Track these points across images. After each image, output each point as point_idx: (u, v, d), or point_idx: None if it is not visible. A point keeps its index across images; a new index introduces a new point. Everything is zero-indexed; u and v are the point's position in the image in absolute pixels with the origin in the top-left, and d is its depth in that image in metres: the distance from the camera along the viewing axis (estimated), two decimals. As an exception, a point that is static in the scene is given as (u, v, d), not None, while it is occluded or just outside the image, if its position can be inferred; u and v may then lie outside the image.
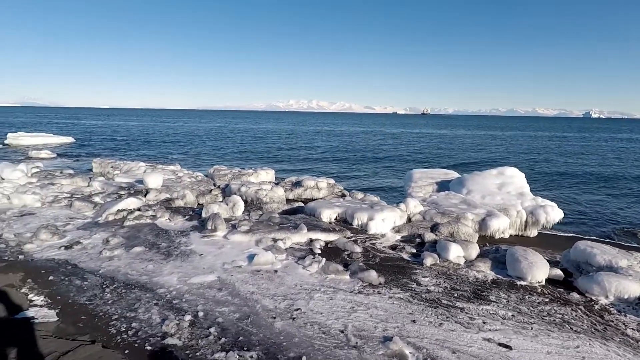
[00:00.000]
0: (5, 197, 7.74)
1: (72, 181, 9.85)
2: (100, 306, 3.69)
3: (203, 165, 17.82)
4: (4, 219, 6.59)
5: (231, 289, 4.12)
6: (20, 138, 24.31)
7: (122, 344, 3.08)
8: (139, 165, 11.93)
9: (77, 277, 4.31)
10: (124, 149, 24.94)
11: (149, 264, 4.73)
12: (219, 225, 5.95)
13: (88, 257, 4.98)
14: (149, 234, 5.86)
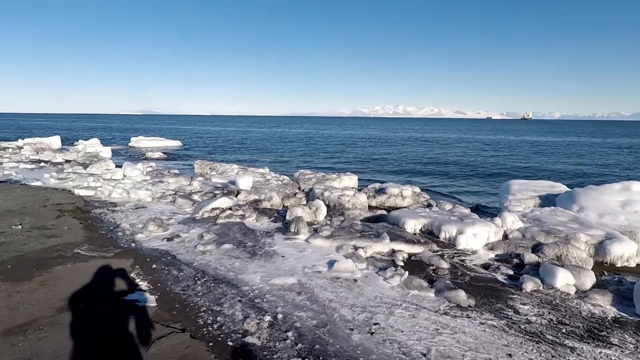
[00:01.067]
0: (126, 192, 8.97)
1: (176, 180, 11.01)
2: (192, 297, 3.98)
3: (290, 168, 18.57)
4: (123, 210, 7.62)
5: (310, 294, 4.11)
6: (140, 141, 28.24)
7: (207, 336, 3.26)
8: (232, 168, 12.88)
9: (174, 268, 4.73)
10: (221, 152, 27.33)
11: (235, 261, 5.00)
12: (302, 229, 6.05)
13: (185, 249, 5.45)
14: (238, 232, 6.21)
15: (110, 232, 6.14)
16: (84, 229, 6.01)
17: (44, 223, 6.16)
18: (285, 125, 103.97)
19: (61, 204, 7.54)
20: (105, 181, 10.19)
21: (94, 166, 12.75)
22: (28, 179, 10.91)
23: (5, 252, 4.81)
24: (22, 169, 13.24)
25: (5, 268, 4.34)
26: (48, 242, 5.27)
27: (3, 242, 5.18)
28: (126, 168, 11.79)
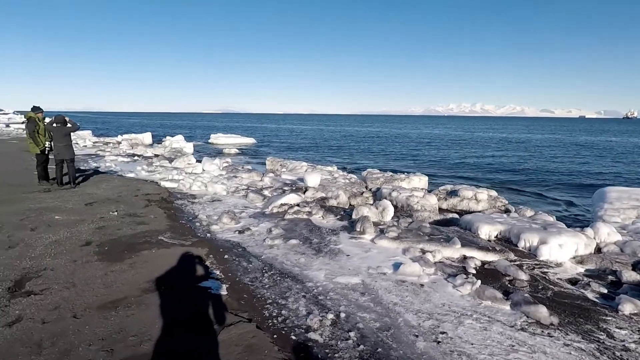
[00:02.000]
0: (204, 185, 9.66)
1: (249, 175, 11.57)
2: (259, 289, 4.14)
3: (358, 167, 18.48)
4: (201, 202, 8.22)
5: (374, 295, 4.03)
6: (218, 138, 30.26)
7: (272, 328, 3.36)
8: (301, 165, 13.18)
9: (244, 259, 4.97)
10: (292, 150, 28.18)
11: (301, 257, 5.09)
12: (367, 229, 5.97)
13: (254, 242, 5.70)
14: (304, 229, 6.32)
15: (189, 222, 6.66)
16: (167, 218, 6.59)
17: (135, 211, 6.88)
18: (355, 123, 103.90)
19: (149, 194, 8.38)
20: (186, 175, 11.10)
21: (178, 161, 13.95)
22: (124, 171, 12.31)
23: (104, 235, 5.47)
24: (120, 162, 14.99)
25: (103, 249, 4.94)
26: (137, 228, 5.89)
27: (102, 226, 5.90)
28: (205, 163, 12.71)
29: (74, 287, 3.85)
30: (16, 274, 4.12)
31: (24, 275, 4.09)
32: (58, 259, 4.54)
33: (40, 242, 5.08)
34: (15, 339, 2.97)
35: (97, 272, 4.22)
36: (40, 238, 5.22)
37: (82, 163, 14.03)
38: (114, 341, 2.98)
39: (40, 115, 8.87)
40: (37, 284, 3.91)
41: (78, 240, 5.20)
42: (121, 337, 3.03)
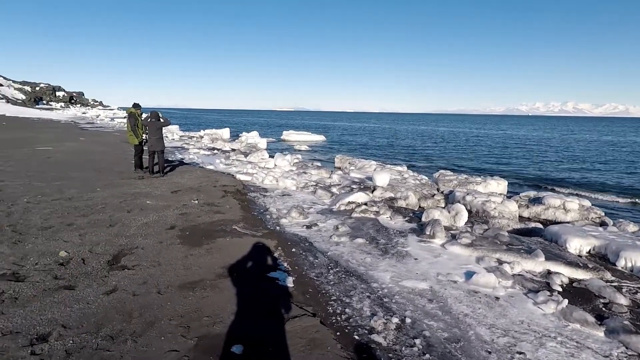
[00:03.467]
0: (275, 180, 10.04)
1: (318, 172, 11.76)
2: (324, 284, 4.18)
3: (429, 168, 17.77)
4: (272, 196, 8.55)
5: (443, 303, 3.83)
6: (290, 135, 31.27)
7: (335, 325, 3.37)
8: (370, 164, 13.05)
9: (311, 254, 5.06)
10: (361, 148, 28.05)
11: (367, 256, 5.03)
12: (438, 233, 5.70)
13: (321, 238, 5.77)
14: (371, 228, 6.24)
15: (260, 214, 6.96)
16: (241, 209, 6.97)
17: (213, 201, 7.39)
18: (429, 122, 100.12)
19: (226, 185, 8.94)
20: (260, 169, 11.64)
21: (252, 155, 14.68)
22: (205, 163, 13.30)
23: (186, 221, 5.96)
24: (201, 155, 16.23)
25: (184, 234, 5.38)
26: (215, 217, 6.31)
27: (185, 212, 6.44)
28: (277, 158, 13.21)
29: (159, 266, 4.25)
30: (114, 249, 4.67)
31: (120, 251, 4.62)
32: (147, 239, 5.06)
33: (134, 223, 5.71)
34: (111, 307, 3.37)
35: (178, 254, 4.62)
36: (134, 219, 5.86)
37: (170, 155, 15.46)
38: (190, 319, 3.22)
39: (139, 111, 9.95)
40: (130, 260, 4.39)
41: (164, 224, 5.74)
42: (197, 316, 3.27)
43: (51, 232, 5.15)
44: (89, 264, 4.23)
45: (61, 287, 3.68)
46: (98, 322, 3.12)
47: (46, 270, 4.01)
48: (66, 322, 3.09)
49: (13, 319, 3.11)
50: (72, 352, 2.74)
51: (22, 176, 8.81)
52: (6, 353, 2.69)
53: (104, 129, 28.82)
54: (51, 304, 3.36)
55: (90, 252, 4.55)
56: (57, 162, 11.26)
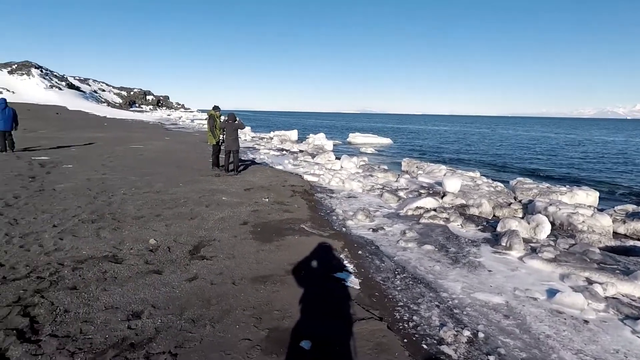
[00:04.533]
0: (341, 181, 10.12)
1: (384, 175, 11.61)
2: (390, 289, 4.12)
3: (505, 175, 16.58)
4: (338, 197, 8.64)
5: (520, 321, 3.56)
6: (356, 137, 31.27)
7: (402, 331, 3.31)
8: (440, 168, 12.54)
9: (377, 258, 5.02)
10: (429, 152, 27.09)
11: (436, 264, 4.85)
12: (515, 245, 5.30)
13: (387, 242, 5.69)
14: (440, 235, 6.01)
15: (327, 214, 7.08)
16: (309, 209, 7.15)
17: (282, 199, 7.68)
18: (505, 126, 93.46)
19: (294, 185, 9.23)
20: (326, 170, 11.82)
21: (319, 157, 14.96)
22: (274, 163, 13.87)
23: (257, 218, 6.28)
24: (271, 155, 16.94)
25: (256, 230, 5.67)
26: (284, 215, 6.55)
27: (256, 209, 6.78)
28: (343, 160, 13.30)
29: (233, 258, 4.54)
30: (195, 240, 5.09)
31: (200, 243, 5.02)
32: (223, 233, 5.42)
33: (212, 217, 6.16)
34: (192, 293, 3.67)
35: (251, 249, 4.88)
36: (211, 214, 6.32)
37: (242, 154, 16.37)
38: (262, 311, 3.39)
39: (218, 113, 10.70)
40: (208, 251, 4.75)
41: (238, 220, 6.10)
42: (268, 309, 3.43)
43: (143, 221, 5.76)
44: (173, 252, 4.66)
45: (151, 271, 4.11)
46: (181, 306, 3.42)
47: (139, 255, 4.51)
48: (155, 303, 3.45)
49: (113, 296, 3.54)
50: (160, 330, 3.04)
51: (119, 170, 9.98)
52: (108, 325, 3.08)
53: (185, 130, 31.42)
54: (143, 285, 3.77)
55: (175, 241, 5.00)
56: (147, 159, 12.56)
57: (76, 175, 9.02)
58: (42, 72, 69.53)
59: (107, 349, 2.78)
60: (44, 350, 2.73)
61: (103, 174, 9.38)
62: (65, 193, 7.22)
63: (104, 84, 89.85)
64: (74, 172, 9.44)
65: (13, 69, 67.04)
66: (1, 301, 3.34)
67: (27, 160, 11.04)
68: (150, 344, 2.86)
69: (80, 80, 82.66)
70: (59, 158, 11.82)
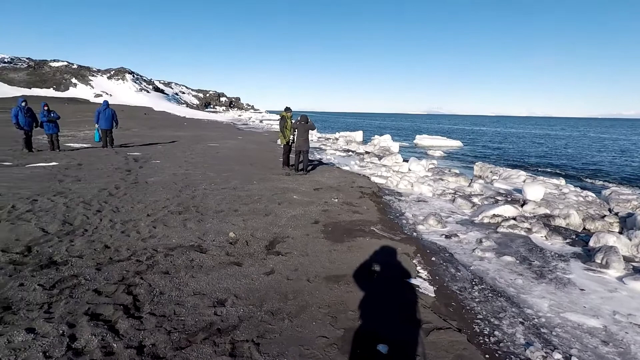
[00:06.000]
0: (410, 185, 9.88)
1: (456, 180, 11.09)
2: (468, 300, 3.93)
3: (596, 184, 14.89)
4: (407, 201, 8.44)
5: (622, 349, 3.18)
6: (423, 139, 30.27)
7: (483, 346, 3.13)
8: (518, 174, 11.66)
9: (452, 266, 4.82)
10: (504, 155, 25.28)
11: (518, 277, 4.52)
12: (614, 263, 4.74)
13: (462, 250, 5.43)
14: (521, 246, 5.58)
15: (396, 217, 6.95)
16: (378, 211, 7.09)
17: (351, 200, 7.71)
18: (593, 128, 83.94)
19: (362, 187, 9.21)
20: (394, 172, 11.61)
21: (386, 159, 14.74)
22: (341, 164, 13.96)
23: (328, 218, 6.38)
24: (337, 156, 17.09)
25: (327, 229, 5.77)
26: (353, 216, 6.58)
27: (326, 209, 6.89)
28: (412, 163, 12.96)
29: (307, 256, 4.67)
30: (270, 236, 5.32)
31: (274, 239, 5.24)
32: (296, 230, 5.60)
33: (284, 214, 6.39)
34: (270, 287, 3.85)
35: (323, 248, 4.98)
36: (284, 211, 6.56)
37: (309, 155, 16.73)
38: (337, 310, 3.45)
39: (289, 114, 11.07)
40: (283, 247, 4.94)
41: (309, 218, 6.26)
42: (343, 309, 3.48)
43: (222, 215, 6.17)
44: (251, 246, 4.93)
45: (232, 262, 4.38)
46: (261, 298, 3.60)
47: (220, 247, 4.83)
48: (237, 293, 3.67)
49: (200, 283, 3.84)
50: (243, 319, 3.23)
51: (199, 167, 10.79)
52: (197, 309, 3.35)
53: (256, 130, 32.97)
54: (225, 275, 4.04)
55: (252, 236, 5.28)
56: (223, 157, 13.41)
57: (163, 170, 9.94)
58: (134, 77, 77.74)
59: (197, 331, 3.03)
60: (145, 326, 3.06)
61: (186, 169, 10.21)
62: (155, 186, 8.00)
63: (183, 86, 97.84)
64: (162, 167, 10.41)
65: (111, 75, 75.88)
66: (110, 279, 3.81)
67: (124, 155, 12.41)
68: (235, 332, 3.05)
69: (164, 84, 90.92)
70: (149, 154, 13.12)
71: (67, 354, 2.66)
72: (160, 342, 2.86)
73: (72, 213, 5.82)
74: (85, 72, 73.88)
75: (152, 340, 2.87)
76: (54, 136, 12.90)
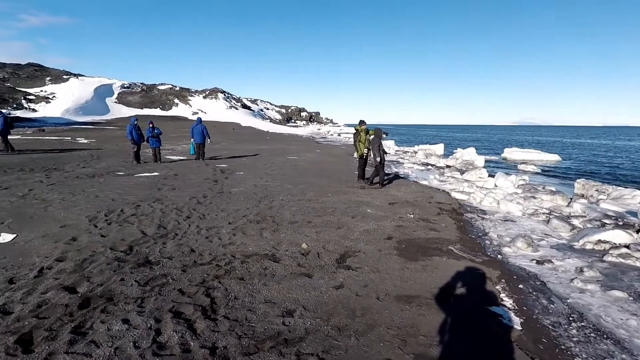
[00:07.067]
0: (495, 202, 9.08)
1: (552, 198, 9.90)
2: (563, 339, 3.41)
3: None
4: (492, 219, 7.76)
5: None
6: (513, 152, 27.79)
7: (582, 394, 2.68)
8: (633, 194, 9.98)
9: (544, 296, 4.25)
10: (615, 172, 21.96)
11: (631, 318, 3.81)
12: None
13: (557, 279, 4.78)
14: (636, 280, 4.71)
15: (479, 237, 6.41)
16: (457, 230, 6.62)
17: (428, 217, 7.33)
18: None
19: (441, 203, 8.72)
20: (477, 188, 10.80)
21: (469, 173, 13.81)
22: (419, 178, 13.45)
23: (402, 234, 6.14)
24: (415, 169, 16.51)
25: (400, 246, 5.55)
26: (430, 233, 6.23)
27: (401, 225, 6.64)
28: (498, 178, 11.95)
29: (378, 273, 4.52)
30: (341, 249, 5.29)
31: (346, 252, 5.19)
32: (368, 245, 5.49)
33: (357, 228, 6.31)
34: (338, 301, 3.79)
35: (395, 265, 4.78)
36: (357, 225, 6.49)
37: (386, 168, 16.44)
38: (407, 334, 3.25)
39: (364, 127, 11.04)
40: (353, 261, 4.87)
41: (382, 233, 6.09)
42: (413, 332, 3.27)
43: (296, 226, 6.32)
44: (322, 258, 4.94)
45: (302, 273, 4.43)
46: (329, 312, 3.57)
47: (292, 257, 4.93)
48: (306, 305, 3.69)
49: (271, 291, 3.95)
50: (309, 331, 3.23)
51: (278, 178, 11.28)
52: (267, 317, 3.44)
53: (333, 143, 33.55)
54: (295, 286, 4.09)
55: (324, 248, 5.31)
56: (301, 169, 13.85)
57: (246, 181, 10.60)
58: (225, 96, 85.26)
59: (265, 339, 3.10)
60: (219, 328, 3.22)
61: (266, 181, 10.76)
62: (237, 196, 8.55)
63: (268, 103, 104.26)
64: (244, 179, 11.12)
65: (206, 94, 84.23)
66: (193, 280, 4.12)
67: (212, 167, 13.55)
68: (301, 343, 3.05)
69: (251, 101, 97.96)
70: (234, 166, 14.13)
71: (152, 347, 2.91)
72: (231, 346, 2.98)
73: (166, 218, 6.47)
74: (185, 93, 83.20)
75: (224, 343, 3.01)
76: (157, 150, 14.63)
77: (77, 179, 10.07)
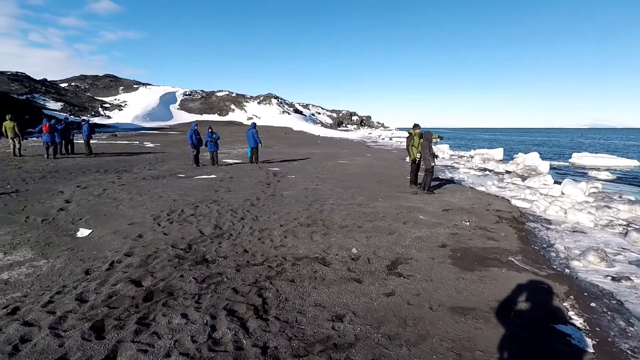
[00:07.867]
0: (562, 211, 8.37)
1: (630, 208, 8.91)
2: (645, 366, 3.04)
3: None
4: (558, 230, 7.16)
5: None
6: (582, 158, 25.47)
7: None
8: None
9: (621, 317, 3.83)
10: None
11: None
12: None
13: (637, 299, 4.28)
14: None
15: (542, 249, 5.95)
16: (518, 240, 6.19)
17: (485, 225, 6.95)
18: None
19: (500, 210, 8.22)
20: (541, 196, 10.03)
21: (532, 179, 12.89)
22: (475, 184, 12.80)
23: (457, 242, 5.87)
24: (471, 175, 15.75)
25: (455, 255, 5.30)
26: (487, 243, 5.90)
27: (456, 232, 6.36)
28: (566, 185, 11.02)
29: (431, 282, 4.36)
30: (392, 256, 5.18)
31: (397, 259, 5.07)
32: (420, 253, 5.32)
33: (409, 235, 6.15)
34: (389, 309, 3.71)
35: (450, 275, 4.58)
36: (408, 231, 6.32)
37: (440, 173, 15.87)
38: (462, 347, 3.09)
39: (417, 131, 10.75)
40: (405, 269, 4.74)
41: (436, 241, 5.87)
42: (469, 346, 3.10)
43: (346, 230, 6.30)
44: (372, 264, 4.87)
45: (352, 278, 4.40)
46: (379, 319, 3.50)
47: (342, 262, 4.92)
48: (355, 310, 3.65)
49: (321, 295, 3.96)
50: (359, 338, 3.19)
51: (328, 182, 11.35)
52: (316, 320, 3.45)
53: (384, 147, 33.09)
54: (345, 291, 4.07)
55: (374, 254, 5.23)
56: (351, 173, 13.82)
57: (297, 185, 10.79)
58: (278, 101, 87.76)
59: (315, 342, 3.11)
60: (270, 329, 3.29)
61: (316, 185, 10.87)
62: (289, 199, 8.72)
63: (319, 107, 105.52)
64: (296, 182, 11.33)
65: (260, 100, 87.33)
66: (246, 280, 4.26)
67: (265, 170, 13.98)
68: (350, 350, 3.02)
69: (303, 106, 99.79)
70: (286, 169, 14.45)
71: (208, 342, 3.05)
72: (281, 347, 3.03)
73: (222, 219, 6.78)
74: (241, 99, 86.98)
75: (275, 344, 3.07)
76: (214, 153, 15.41)
77: (143, 180, 10.91)
